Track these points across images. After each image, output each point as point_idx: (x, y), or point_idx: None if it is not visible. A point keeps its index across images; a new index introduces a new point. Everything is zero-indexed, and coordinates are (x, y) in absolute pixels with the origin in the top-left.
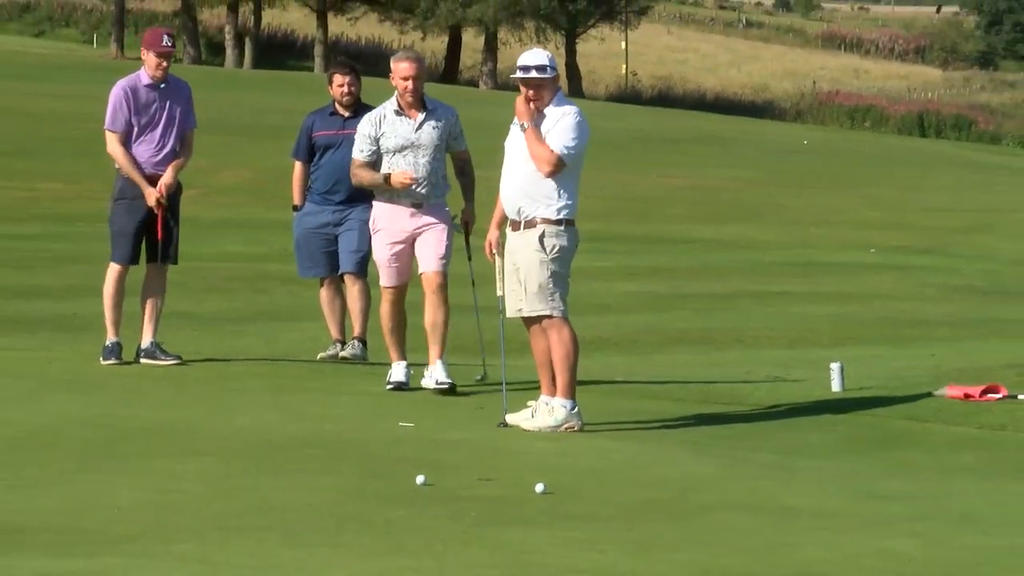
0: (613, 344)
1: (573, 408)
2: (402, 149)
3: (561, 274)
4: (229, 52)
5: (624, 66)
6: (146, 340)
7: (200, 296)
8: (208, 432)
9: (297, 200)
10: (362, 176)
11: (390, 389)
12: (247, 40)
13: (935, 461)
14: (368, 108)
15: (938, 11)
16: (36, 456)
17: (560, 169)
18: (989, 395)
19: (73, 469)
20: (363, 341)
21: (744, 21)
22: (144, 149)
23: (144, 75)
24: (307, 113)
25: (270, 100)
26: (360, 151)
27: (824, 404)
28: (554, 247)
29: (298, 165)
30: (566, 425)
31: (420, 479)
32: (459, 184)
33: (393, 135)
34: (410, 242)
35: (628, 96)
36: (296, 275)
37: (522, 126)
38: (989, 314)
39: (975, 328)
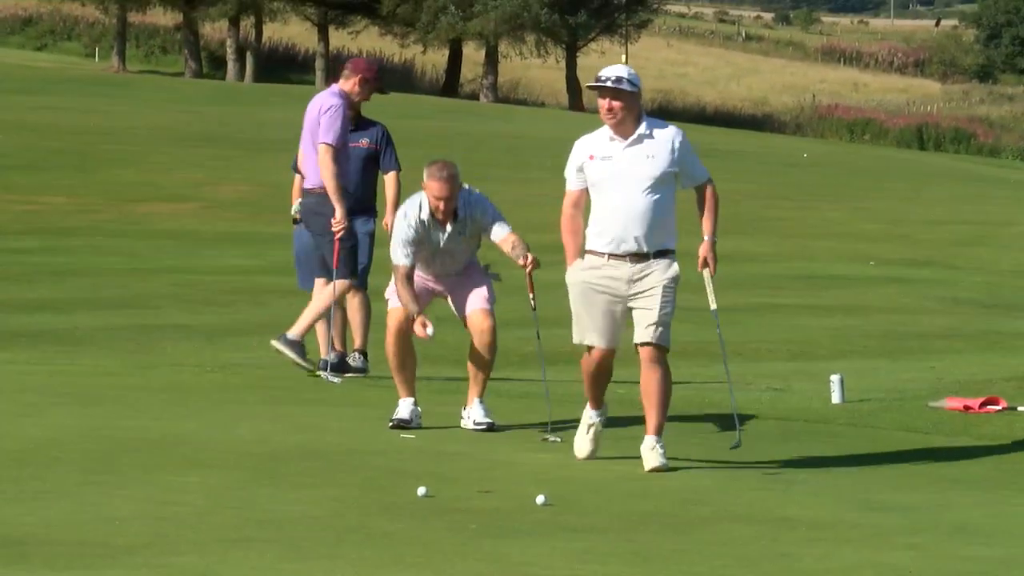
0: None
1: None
2: (433, 253)
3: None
4: (230, 66)
5: None
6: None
7: (200, 309)
8: (209, 444)
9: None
10: (402, 293)
11: (391, 427)
12: (248, 54)
13: (934, 473)
14: (370, 122)
15: (937, 24)
16: (38, 469)
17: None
18: (988, 407)
19: (75, 481)
20: (364, 353)
21: (744, 34)
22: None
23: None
24: None
25: (271, 114)
26: (405, 256)
27: (824, 416)
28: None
29: (298, 177)
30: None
31: (421, 491)
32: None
33: (425, 242)
34: (432, 292)
35: None
36: (296, 287)
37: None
38: (989, 327)
39: (975, 340)
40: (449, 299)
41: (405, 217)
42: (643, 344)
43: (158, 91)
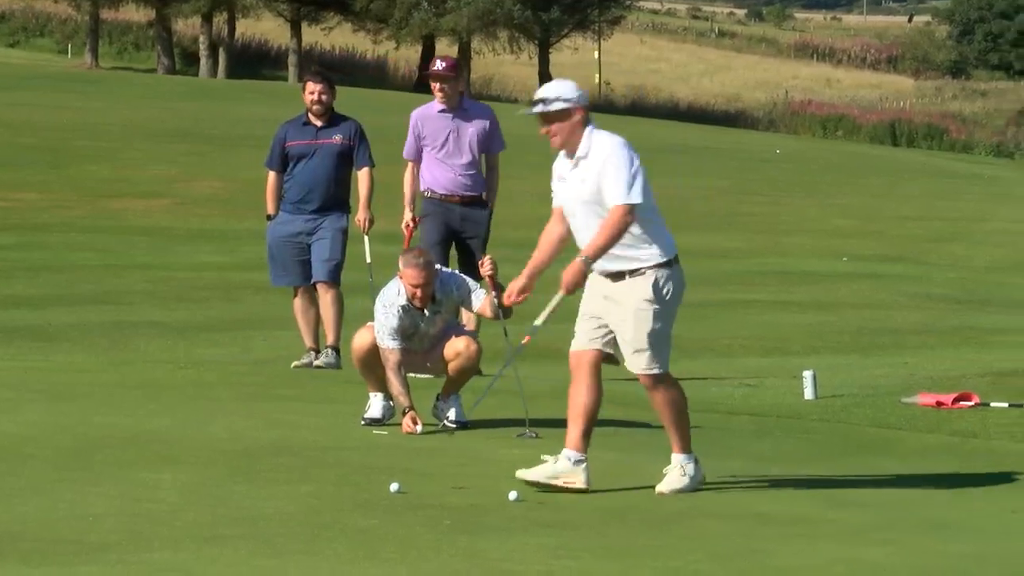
0: None
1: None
2: (413, 335)
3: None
4: (203, 62)
5: (597, 76)
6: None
7: (173, 305)
8: (183, 441)
9: (271, 209)
10: (393, 383)
11: (364, 425)
12: (221, 50)
13: (906, 468)
14: (341, 118)
15: (910, 20)
16: (12, 465)
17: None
18: (961, 403)
19: (48, 478)
20: (336, 350)
21: (717, 31)
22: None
23: (435, 103)
24: (280, 124)
25: (244, 110)
26: (392, 340)
27: (797, 412)
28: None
29: (271, 175)
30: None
31: (394, 487)
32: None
33: (405, 327)
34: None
35: (601, 106)
36: (269, 284)
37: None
38: (962, 322)
39: (948, 336)
40: (428, 358)
41: (386, 308)
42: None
43: (131, 87)
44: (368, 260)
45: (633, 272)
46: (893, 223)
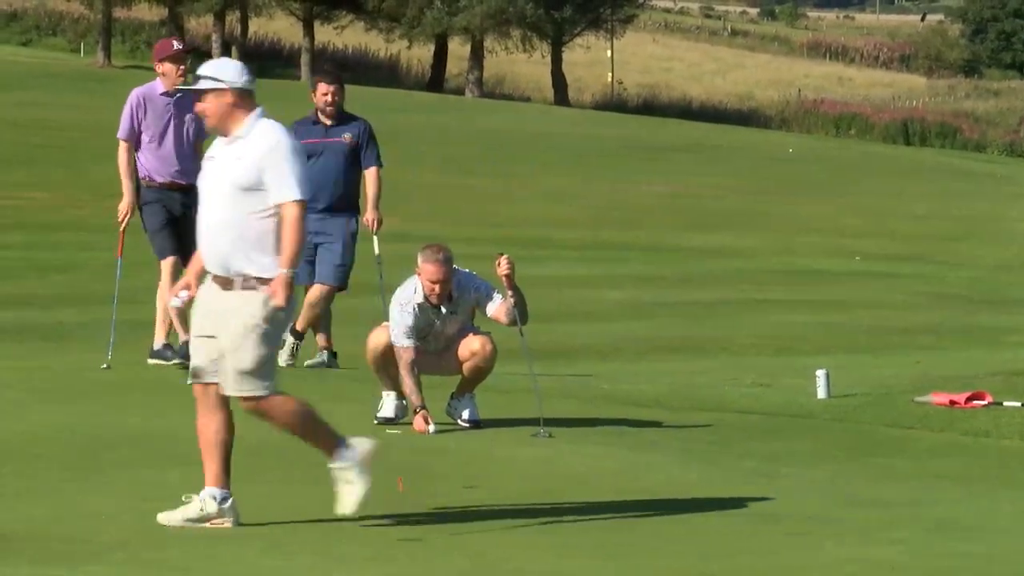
0: (598, 352)
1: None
2: (428, 336)
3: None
4: None
5: (610, 74)
6: (158, 341)
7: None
8: (191, 440)
9: None
10: (407, 381)
11: (377, 424)
12: (233, 49)
13: (918, 468)
14: (351, 117)
15: (923, 19)
16: (22, 465)
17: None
18: (974, 402)
19: (58, 478)
20: (331, 351)
21: (729, 30)
22: (152, 158)
23: (159, 85)
24: (291, 123)
25: None
26: (407, 339)
27: (809, 411)
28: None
29: None
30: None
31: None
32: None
33: (422, 326)
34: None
35: (614, 104)
36: None
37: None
38: (974, 322)
39: (960, 336)
40: (442, 359)
41: (402, 306)
42: None
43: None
44: (376, 252)
45: (246, 282)
46: (906, 222)
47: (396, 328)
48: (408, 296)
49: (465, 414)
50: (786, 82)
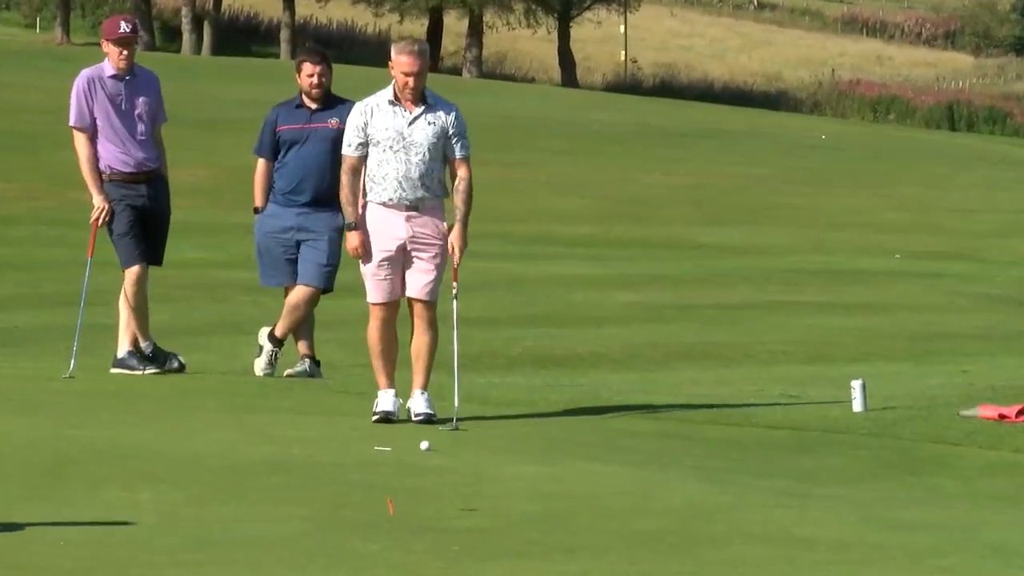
0: (610, 360)
1: None
2: (392, 145)
3: None
4: (186, 37)
5: (623, 52)
6: (122, 349)
7: (154, 306)
8: (164, 456)
9: (259, 201)
10: (344, 188)
11: (376, 420)
12: (206, 24)
13: (966, 488)
14: (339, 100)
15: None
16: None
17: None
18: None
19: (16, 497)
20: (314, 359)
21: (756, 3)
22: (112, 146)
23: (108, 66)
24: (272, 106)
25: (231, 90)
26: (348, 145)
27: (844, 425)
28: None
29: (261, 162)
30: None
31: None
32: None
33: (383, 127)
34: (401, 252)
35: (627, 85)
36: (258, 284)
37: None
38: None
39: (1011, 342)
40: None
41: (362, 107)
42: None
43: None
44: None
45: None
46: (950, 216)
47: (347, 134)
48: (372, 98)
49: (419, 407)
50: (818, 61)
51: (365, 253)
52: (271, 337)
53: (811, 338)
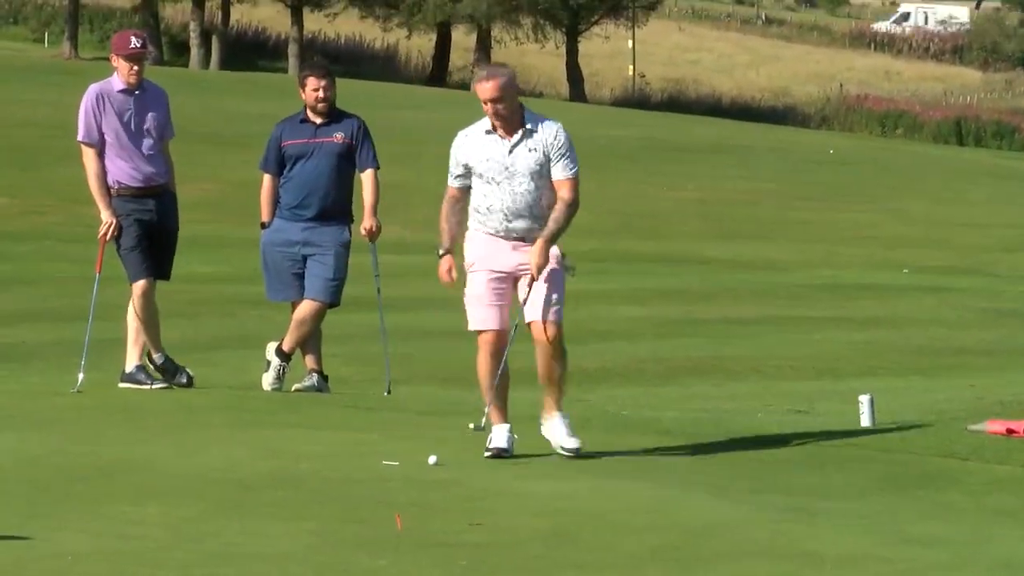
0: (618, 375)
1: None
2: (495, 176)
3: None
4: (194, 52)
5: (631, 67)
6: (130, 364)
7: (162, 321)
8: (171, 471)
9: (265, 216)
10: (442, 218)
11: (488, 456)
12: (214, 38)
13: (975, 503)
14: (344, 114)
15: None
16: None
17: None
18: None
19: (23, 514)
20: (321, 373)
21: (764, 18)
22: (120, 161)
23: (117, 81)
24: (276, 122)
25: (239, 105)
26: (451, 175)
27: (852, 440)
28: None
29: (267, 178)
30: None
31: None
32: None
33: (484, 158)
34: (512, 280)
35: (635, 100)
36: (264, 298)
37: None
38: None
39: (1019, 356)
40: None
41: (462, 133)
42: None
43: None
44: (376, 273)
45: None
46: (959, 231)
47: (452, 162)
48: (471, 127)
49: (562, 439)
50: (827, 76)
51: (457, 279)
52: (279, 352)
53: (819, 353)
